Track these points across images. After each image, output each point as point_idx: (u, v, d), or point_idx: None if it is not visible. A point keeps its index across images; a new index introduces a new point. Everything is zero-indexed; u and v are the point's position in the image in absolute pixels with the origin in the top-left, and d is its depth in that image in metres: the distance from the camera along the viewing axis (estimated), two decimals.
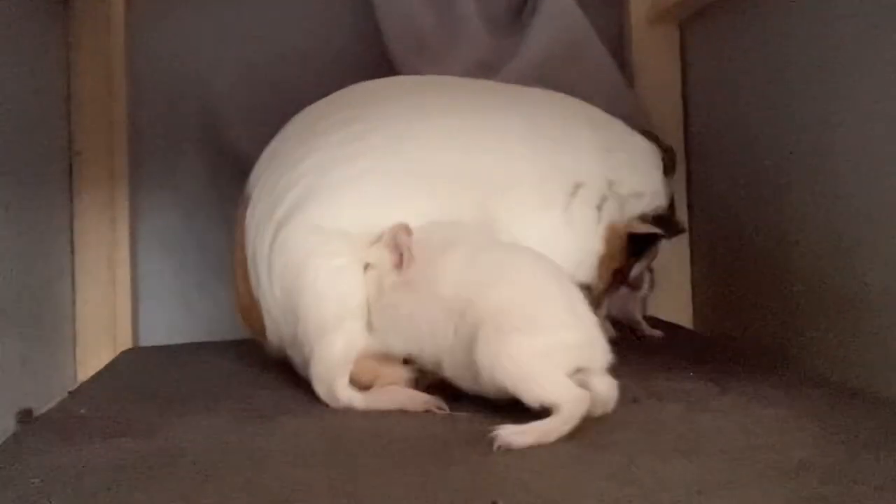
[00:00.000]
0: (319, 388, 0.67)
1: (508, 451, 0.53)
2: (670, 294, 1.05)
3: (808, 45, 0.77)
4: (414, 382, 0.67)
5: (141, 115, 1.04)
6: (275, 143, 0.75)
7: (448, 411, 0.63)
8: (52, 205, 0.91)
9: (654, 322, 0.97)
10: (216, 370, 0.84)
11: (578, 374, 0.58)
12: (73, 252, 0.96)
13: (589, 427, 0.56)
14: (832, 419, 0.58)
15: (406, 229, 0.66)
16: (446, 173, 0.71)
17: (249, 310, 0.73)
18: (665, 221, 0.83)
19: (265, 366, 0.80)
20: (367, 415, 0.65)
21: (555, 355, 0.57)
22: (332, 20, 1.08)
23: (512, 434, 0.53)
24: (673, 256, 1.04)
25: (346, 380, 0.66)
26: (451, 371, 0.63)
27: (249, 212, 0.72)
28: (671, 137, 1.04)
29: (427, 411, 0.64)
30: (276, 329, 0.71)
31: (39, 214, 0.86)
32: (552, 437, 0.54)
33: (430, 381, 0.66)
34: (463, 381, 0.63)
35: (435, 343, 0.63)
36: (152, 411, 0.67)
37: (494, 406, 0.62)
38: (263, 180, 0.72)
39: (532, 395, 0.56)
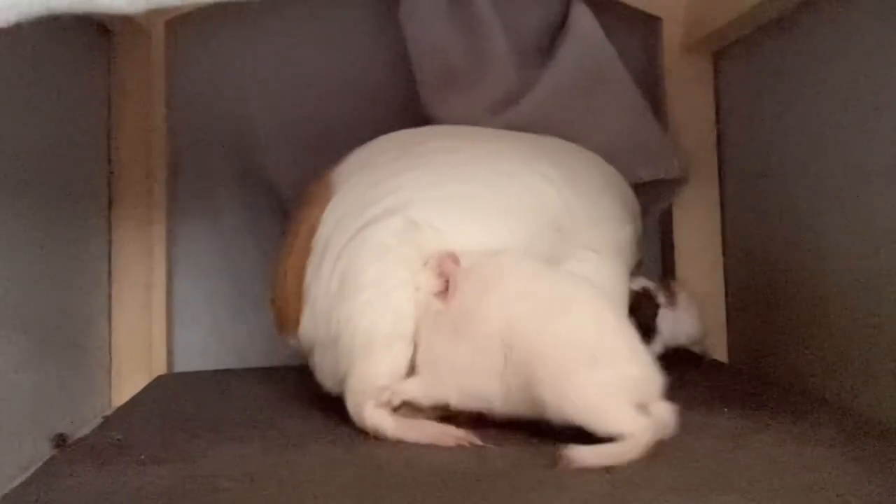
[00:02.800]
0: (352, 404, 0.67)
1: (541, 486, 0.53)
2: (705, 327, 1.03)
3: (843, 76, 0.76)
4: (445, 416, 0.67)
5: (179, 144, 1.06)
6: (365, 153, 0.78)
7: (480, 443, 0.63)
8: (91, 232, 0.93)
9: (689, 355, 0.96)
10: (249, 397, 0.84)
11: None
12: (110, 278, 0.98)
13: (621, 464, 0.56)
14: (871, 459, 0.57)
15: (453, 257, 0.66)
16: (533, 213, 0.74)
17: (287, 300, 0.74)
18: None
19: (297, 394, 0.80)
20: (398, 445, 0.64)
21: (619, 389, 0.59)
22: (366, 54, 1.10)
23: (583, 454, 0.55)
24: (707, 290, 1.03)
25: (383, 405, 0.66)
26: (501, 403, 0.63)
27: (330, 207, 0.73)
28: (704, 167, 1.04)
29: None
30: (314, 327, 0.71)
31: (78, 241, 0.88)
32: (620, 460, 0.55)
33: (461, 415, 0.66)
34: (514, 410, 0.63)
35: (478, 375, 0.63)
36: (186, 437, 0.68)
37: (526, 440, 0.62)
38: (354, 182, 0.74)
39: (601, 427, 0.57)
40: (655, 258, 1.10)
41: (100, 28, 0.96)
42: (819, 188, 0.81)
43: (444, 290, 0.65)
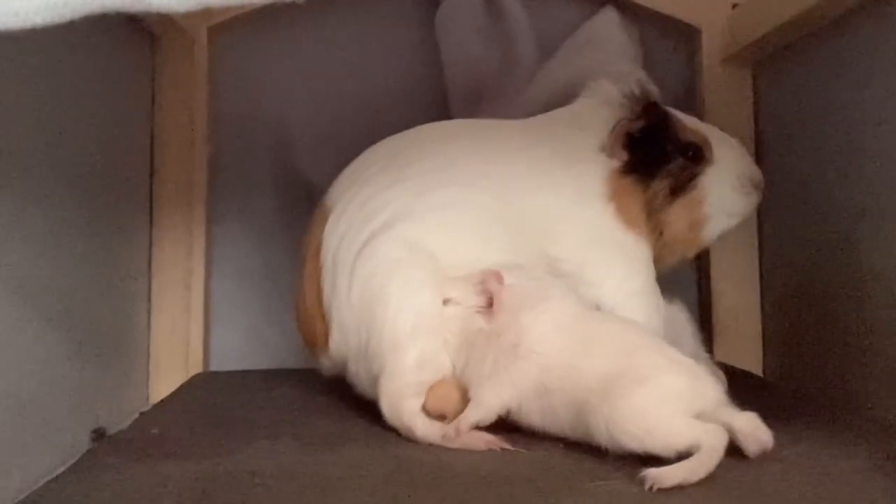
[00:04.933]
0: (385, 403, 0.68)
1: (570, 492, 0.53)
2: (740, 341, 1.03)
3: (886, 87, 0.75)
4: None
5: (220, 147, 1.08)
6: (356, 166, 0.79)
7: (509, 447, 0.63)
8: (132, 232, 0.95)
9: (724, 368, 0.95)
10: (284, 397, 0.85)
11: (707, 416, 0.58)
12: (150, 279, 0.99)
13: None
14: None
15: (498, 276, 0.66)
16: (520, 215, 0.74)
17: (312, 322, 0.75)
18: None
19: (331, 394, 0.81)
20: (430, 448, 0.65)
21: (667, 401, 0.57)
22: (404, 60, 1.11)
23: (661, 474, 0.53)
24: (743, 302, 1.02)
25: (414, 402, 0.67)
26: (539, 417, 0.64)
27: (330, 225, 0.75)
28: None
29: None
30: (343, 340, 0.72)
31: (120, 242, 0.90)
32: (700, 474, 0.54)
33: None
34: (553, 428, 0.64)
35: (520, 394, 0.64)
36: (221, 434, 0.69)
37: (554, 446, 0.63)
38: (349, 197, 0.75)
39: (663, 445, 0.56)
40: (691, 271, 1.10)
41: (145, 33, 0.98)
42: (859, 201, 0.80)
43: (488, 308, 0.66)
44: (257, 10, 1.05)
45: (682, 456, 0.55)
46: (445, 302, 0.68)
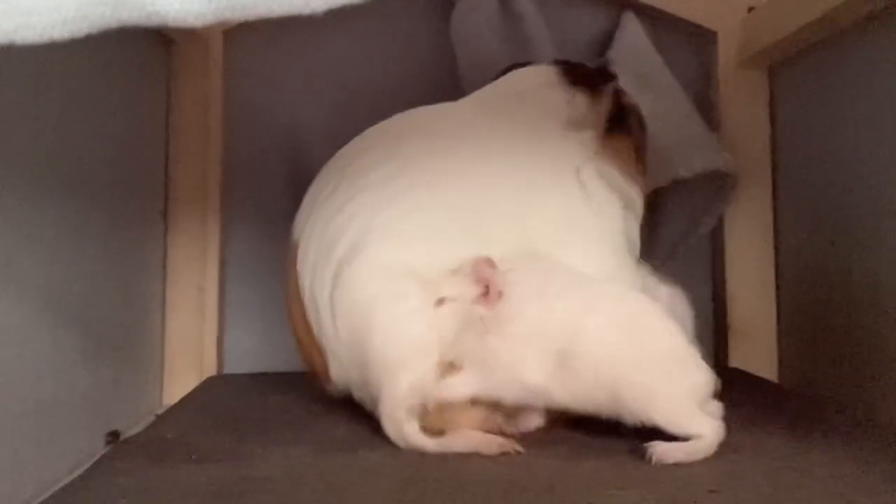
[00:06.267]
0: (389, 428, 0.67)
1: (582, 497, 0.53)
2: (755, 346, 1.02)
3: None
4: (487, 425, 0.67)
5: (234, 150, 1.08)
6: (313, 190, 0.77)
7: (522, 450, 0.63)
8: (147, 235, 0.95)
9: (739, 375, 0.94)
10: (297, 401, 0.85)
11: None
12: (164, 281, 1.00)
13: (667, 481, 0.55)
14: None
15: (489, 262, 0.66)
16: (491, 208, 0.72)
17: (310, 354, 0.74)
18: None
19: (344, 399, 0.81)
20: (444, 454, 0.65)
21: (693, 395, 0.63)
22: (419, 64, 1.11)
23: (665, 450, 0.60)
24: (759, 308, 1.02)
25: (415, 423, 0.66)
26: (560, 398, 0.65)
27: (301, 258, 0.74)
28: (758, 183, 1.03)
29: (503, 454, 0.63)
30: (342, 373, 0.71)
31: (135, 244, 0.90)
32: (697, 457, 0.60)
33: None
34: (573, 406, 0.65)
35: (525, 372, 0.64)
36: (235, 438, 0.69)
37: (569, 453, 0.63)
38: (311, 225, 0.74)
39: (680, 430, 0.62)
40: (706, 275, 1.09)
41: (160, 37, 0.99)
42: (877, 206, 0.79)
43: (484, 295, 0.66)
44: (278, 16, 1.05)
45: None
46: (440, 302, 0.67)
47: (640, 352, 0.64)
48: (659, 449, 0.60)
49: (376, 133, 0.79)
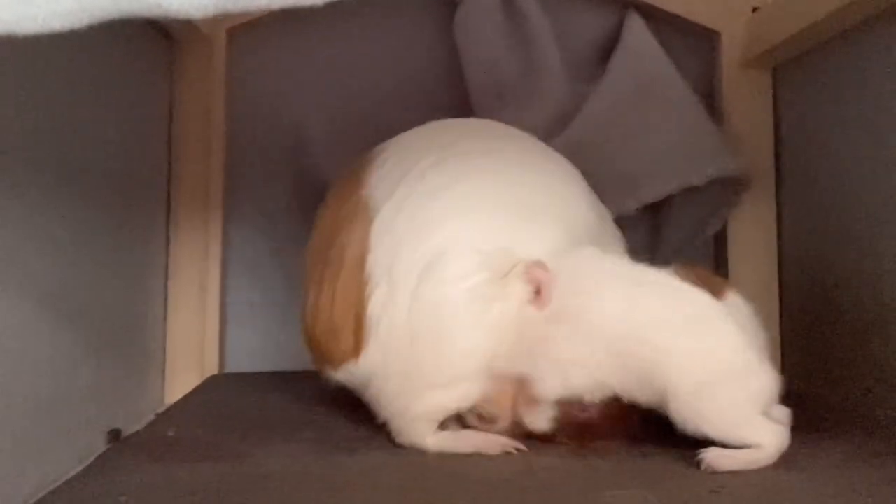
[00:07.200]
0: (402, 427, 0.66)
1: (582, 497, 0.53)
2: None
3: None
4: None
5: (237, 148, 1.08)
6: (402, 154, 0.72)
7: (525, 449, 0.63)
8: (149, 233, 0.95)
9: None
10: (298, 399, 0.85)
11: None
12: (166, 280, 1.00)
13: (667, 481, 0.55)
14: None
15: (541, 265, 0.65)
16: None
17: (337, 333, 0.68)
18: None
19: (346, 398, 0.80)
20: (446, 453, 0.64)
21: (753, 402, 0.60)
22: (422, 61, 1.11)
23: (719, 457, 0.57)
24: (762, 308, 1.01)
25: (430, 430, 0.65)
26: (620, 387, 0.62)
27: (378, 231, 0.68)
28: (761, 184, 1.02)
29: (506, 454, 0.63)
30: (381, 360, 0.66)
31: (137, 242, 0.90)
32: (755, 466, 0.58)
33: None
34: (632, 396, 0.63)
35: (593, 371, 0.62)
36: (236, 436, 0.69)
37: (573, 454, 0.62)
38: (399, 198, 0.68)
39: (737, 438, 0.58)
40: None
41: (164, 36, 0.99)
42: (881, 207, 0.79)
43: (537, 298, 0.65)
44: (275, 11, 1.05)
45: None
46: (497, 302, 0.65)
47: (700, 351, 0.61)
48: (710, 455, 0.57)
49: (485, 123, 0.81)
